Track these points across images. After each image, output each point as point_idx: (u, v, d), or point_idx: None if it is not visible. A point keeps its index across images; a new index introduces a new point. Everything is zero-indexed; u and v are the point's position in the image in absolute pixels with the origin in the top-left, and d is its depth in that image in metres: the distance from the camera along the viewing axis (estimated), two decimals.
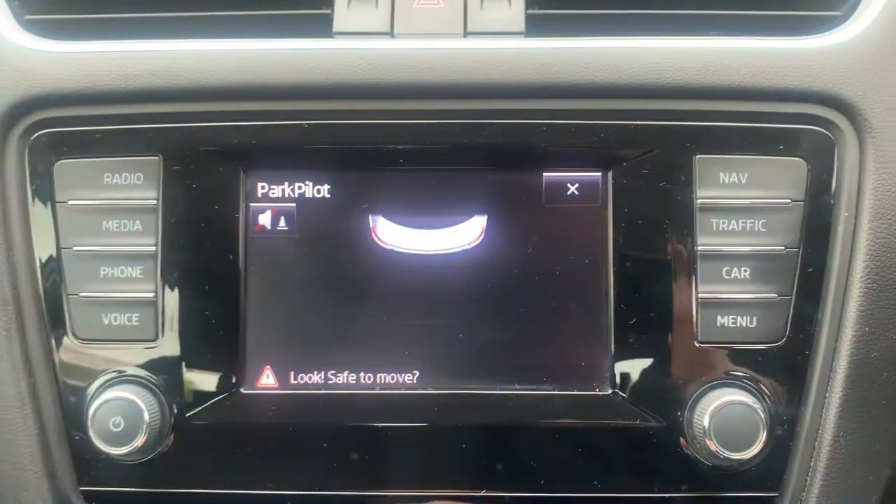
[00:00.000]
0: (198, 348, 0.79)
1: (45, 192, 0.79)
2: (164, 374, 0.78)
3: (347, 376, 0.80)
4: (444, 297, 0.80)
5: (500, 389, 0.79)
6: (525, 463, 0.78)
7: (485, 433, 0.79)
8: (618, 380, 0.78)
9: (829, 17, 0.81)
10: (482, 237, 0.80)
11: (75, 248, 0.79)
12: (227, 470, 0.79)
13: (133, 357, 0.79)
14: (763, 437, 0.74)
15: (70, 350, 0.79)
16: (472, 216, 0.80)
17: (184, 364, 0.78)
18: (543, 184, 0.80)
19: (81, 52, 0.79)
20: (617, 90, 0.77)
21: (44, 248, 0.79)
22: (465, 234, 0.80)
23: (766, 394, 0.76)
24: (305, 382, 0.79)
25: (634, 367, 0.78)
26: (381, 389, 0.79)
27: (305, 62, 0.78)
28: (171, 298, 0.78)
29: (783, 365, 0.77)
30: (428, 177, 0.80)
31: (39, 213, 0.79)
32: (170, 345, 0.79)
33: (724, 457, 0.74)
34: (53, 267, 0.79)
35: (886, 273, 0.76)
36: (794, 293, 0.77)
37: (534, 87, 0.78)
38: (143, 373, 0.78)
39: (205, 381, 0.79)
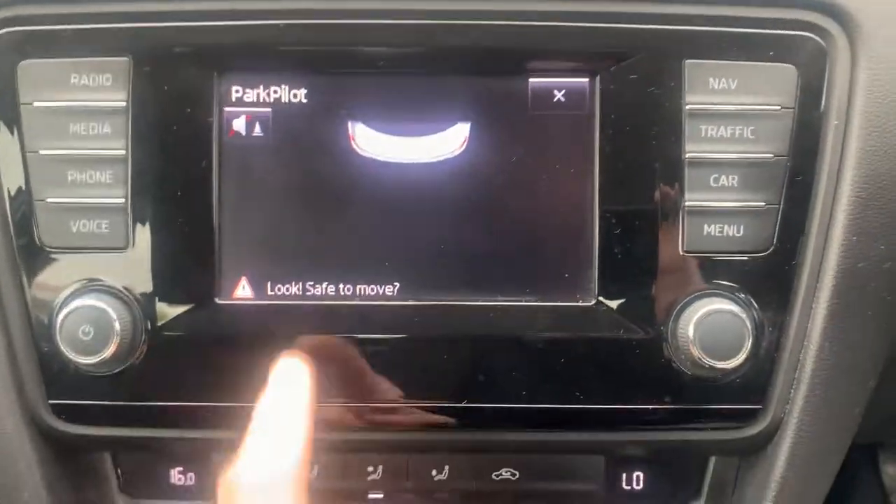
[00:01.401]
0: (170, 257, 0.76)
1: (9, 94, 0.75)
2: (136, 284, 0.76)
3: (326, 287, 0.77)
4: (425, 207, 0.77)
5: (482, 301, 0.77)
6: (506, 374, 0.77)
7: (466, 345, 0.77)
8: (602, 291, 0.76)
9: None
10: (465, 145, 0.77)
11: (41, 152, 0.75)
12: (201, 382, 0.77)
13: (103, 265, 0.76)
14: (748, 345, 0.73)
15: (37, 258, 0.76)
16: (455, 123, 0.77)
17: (156, 273, 0.76)
18: (529, 90, 0.77)
19: None
20: None
21: (8, 153, 0.75)
22: (448, 142, 0.77)
23: (752, 303, 0.75)
24: (283, 293, 0.77)
25: (619, 278, 0.76)
26: (360, 300, 0.77)
27: None
28: (142, 205, 0.76)
29: (770, 274, 0.76)
30: (409, 82, 0.77)
31: (2, 116, 0.75)
32: (141, 253, 0.76)
33: (709, 366, 0.73)
34: (18, 171, 0.75)
35: (875, 181, 0.74)
36: (782, 202, 0.75)
37: None
38: (113, 281, 0.76)
39: (178, 290, 0.76)
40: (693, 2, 0.75)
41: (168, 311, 0.76)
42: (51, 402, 0.78)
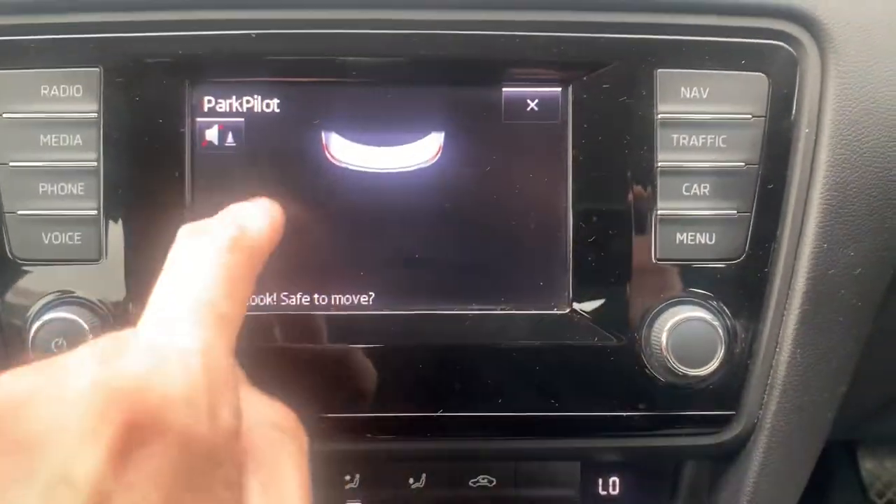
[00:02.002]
0: (144, 268, 0.75)
1: None
2: (109, 295, 0.75)
3: (301, 297, 0.77)
4: (400, 216, 0.78)
5: (458, 310, 0.77)
6: (482, 383, 0.77)
7: (442, 354, 0.77)
8: (576, 298, 0.77)
9: None
10: (439, 155, 0.77)
11: (12, 164, 0.75)
12: None
13: (76, 277, 0.75)
14: (721, 353, 0.74)
15: (9, 270, 0.75)
16: (430, 133, 0.77)
17: (129, 284, 0.76)
18: (503, 100, 0.77)
19: None
20: (578, 1, 0.75)
21: None
22: (422, 151, 0.77)
23: (724, 310, 0.76)
24: (257, 304, 0.77)
25: (593, 286, 0.77)
26: (335, 311, 0.77)
27: None
28: (115, 216, 0.75)
29: (742, 282, 0.76)
30: (383, 91, 0.77)
31: None
32: (114, 264, 0.75)
33: (682, 373, 0.74)
34: None
35: (845, 189, 0.75)
36: (754, 209, 0.76)
37: None
38: (86, 294, 0.75)
39: None
40: (665, 11, 0.76)
41: None
42: None
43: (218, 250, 0.54)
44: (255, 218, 0.60)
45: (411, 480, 0.85)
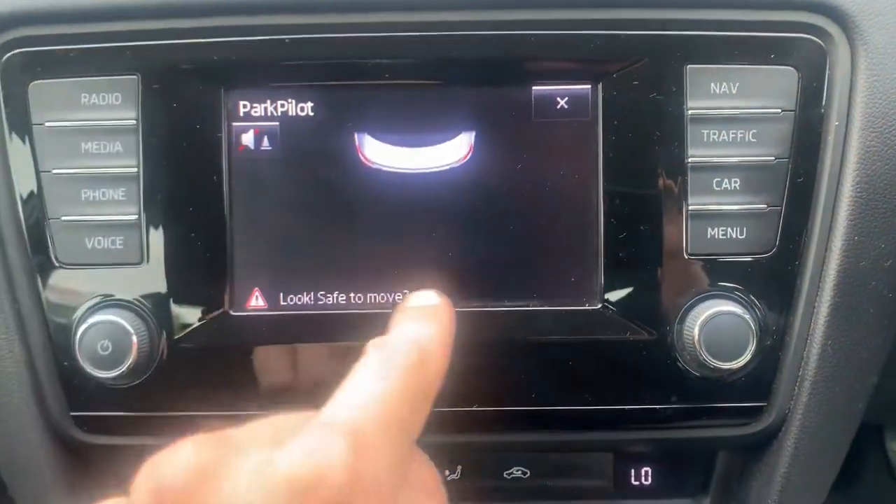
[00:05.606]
0: (184, 271, 0.78)
1: (21, 115, 0.77)
2: (151, 298, 0.77)
3: (337, 296, 0.79)
4: (432, 215, 0.79)
5: (490, 307, 0.78)
6: (515, 378, 0.79)
7: (475, 350, 0.78)
8: (608, 294, 0.78)
9: None
10: (470, 154, 0.78)
11: (54, 171, 0.77)
12: (217, 392, 0.79)
13: (119, 281, 0.77)
14: (752, 346, 0.74)
15: (54, 275, 0.78)
16: (460, 133, 0.78)
17: (170, 287, 0.78)
18: (532, 98, 0.78)
19: None
20: None
21: (22, 172, 0.77)
22: (453, 151, 0.78)
23: (755, 304, 0.77)
24: (295, 303, 0.79)
25: (624, 281, 0.78)
26: (370, 309, 0.79)
27: None
28: (155, 221, 0.77)
29: (773, 275, 0.77)
30: (414, 93, 0.78)
31: (16, 137, 0.77)
32: (155, 268, 0.77)
33: (714, 367, 0.75)
34: (33, 191, 0.77)
35: (875, 181, 0.75)
36: (784, 203, 0.76)
37: None
38: (129, 296, 0.77)
39: (193, 303, 0.78)
40: (693, 7, 0.76)
41: (184, 323, 0.78)
42: (72, 414, 0.80)
43: (406, 371, 0.58)
44: (437, 344, 0.63)
45: (447, 472, 0.87)
